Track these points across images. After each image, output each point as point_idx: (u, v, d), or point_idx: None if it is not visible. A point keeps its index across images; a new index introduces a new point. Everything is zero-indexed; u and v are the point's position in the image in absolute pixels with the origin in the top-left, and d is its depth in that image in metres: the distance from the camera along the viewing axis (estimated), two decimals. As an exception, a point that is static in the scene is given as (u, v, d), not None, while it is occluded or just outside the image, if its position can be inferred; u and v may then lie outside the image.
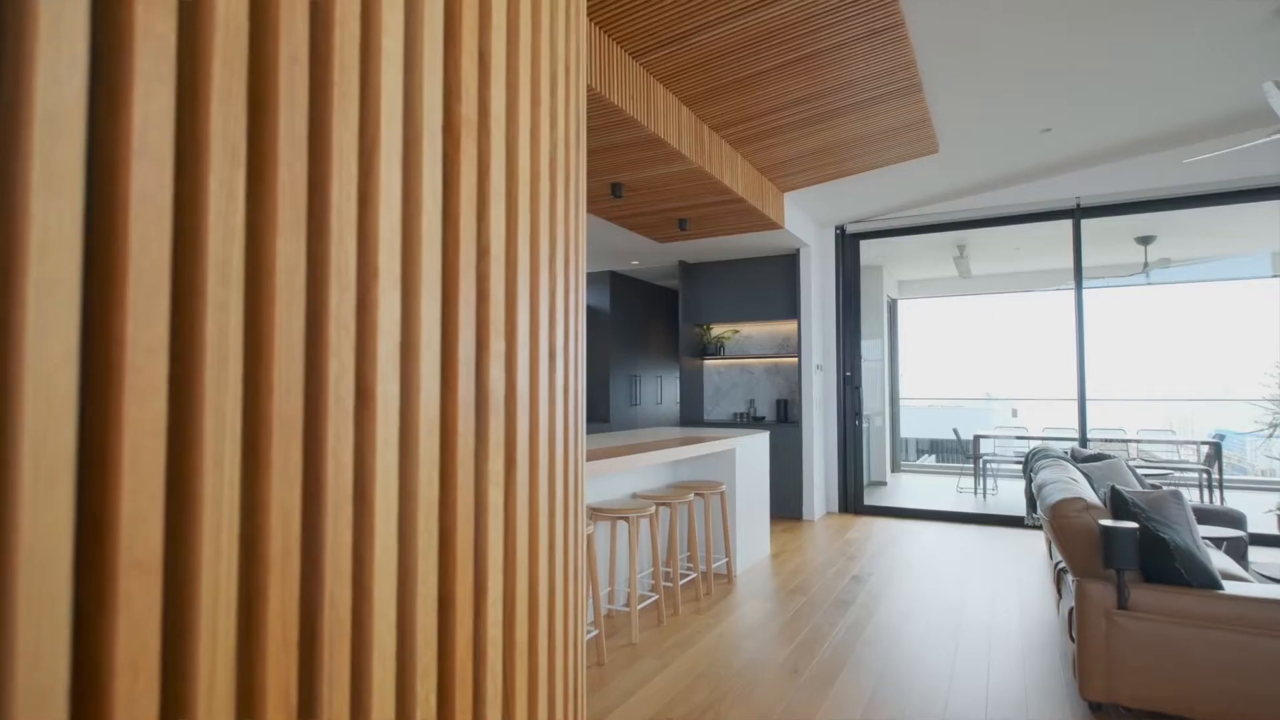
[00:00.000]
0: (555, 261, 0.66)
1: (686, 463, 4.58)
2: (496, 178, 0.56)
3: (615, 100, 3.17)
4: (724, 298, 6.94)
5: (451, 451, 0.51)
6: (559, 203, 0.66)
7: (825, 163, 4.82)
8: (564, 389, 0.67)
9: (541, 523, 0.61)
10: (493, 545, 0.54)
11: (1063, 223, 5.79)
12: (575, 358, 0.73)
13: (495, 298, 0.55)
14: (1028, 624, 3.44)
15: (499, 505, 0.55)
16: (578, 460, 0.75)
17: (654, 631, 3.40)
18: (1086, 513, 2.53)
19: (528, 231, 0.60)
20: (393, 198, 0.49)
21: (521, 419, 0.59)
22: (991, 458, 7.95)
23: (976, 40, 3.38)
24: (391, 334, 0.48)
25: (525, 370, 0.60)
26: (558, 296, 0.66)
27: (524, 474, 0.59)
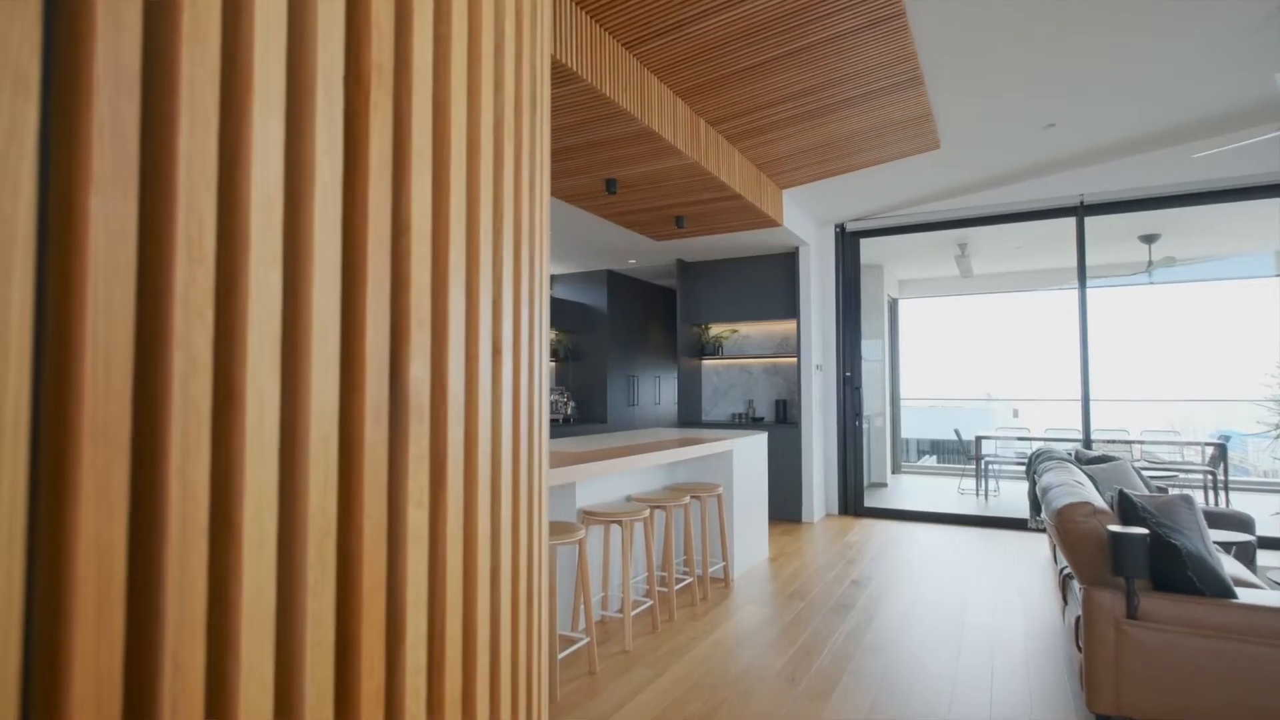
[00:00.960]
0: (501, 241, 0.57)
1: (683, 464, 4.49)
2: (420, 141, 0.47)
3: (607, 92, 3.08)
4: (722, 297, 6.85)
5: (355, 466, 0.42)
6: (506, 174, 0.57)
7: (824, 159, 4.73)
8: (513, 390, 0.59)
9: (481, 548, 0.53)
10: (413, 577, 0.45)
11: (1066, 220, 5.70)
12: (532, 354, 0.64)
13: (419, 282, 0.46)
14: (1032, 630, 3.35)
15: (422, 529, 0.46)
16: (534, 472, 0.66)
17: (648, 638, 3.31)
18: (1094, 518, 2.44)
19: (463, 206, 0.51)
20: (271, 155, 0.40)
21: (454, 426, 0.50)
22: (993, 459, 7.86)
23: (978, 33, 3.29)
24: (267, 323, 0.39)
25: (459, 368, 0.51)
26: (504, 282, 0.57)
27: (456, 490, 0.50)
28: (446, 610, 0.49)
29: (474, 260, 0.54)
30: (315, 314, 0.41)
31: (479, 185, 0.54)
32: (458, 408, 0.50)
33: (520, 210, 0.61)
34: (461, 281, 0.51)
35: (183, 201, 0.35)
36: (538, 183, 0.66)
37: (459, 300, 0.50)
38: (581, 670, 2.95)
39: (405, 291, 0.46)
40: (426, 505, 0.47)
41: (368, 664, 0.43)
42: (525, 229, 0.62)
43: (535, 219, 0.66)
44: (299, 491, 0.41)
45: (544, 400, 0.75)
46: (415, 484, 0.46)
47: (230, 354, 0.38)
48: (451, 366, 0.49)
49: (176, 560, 0.34)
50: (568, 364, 7.43)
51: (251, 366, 0.38)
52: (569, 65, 2.83)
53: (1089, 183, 5.45)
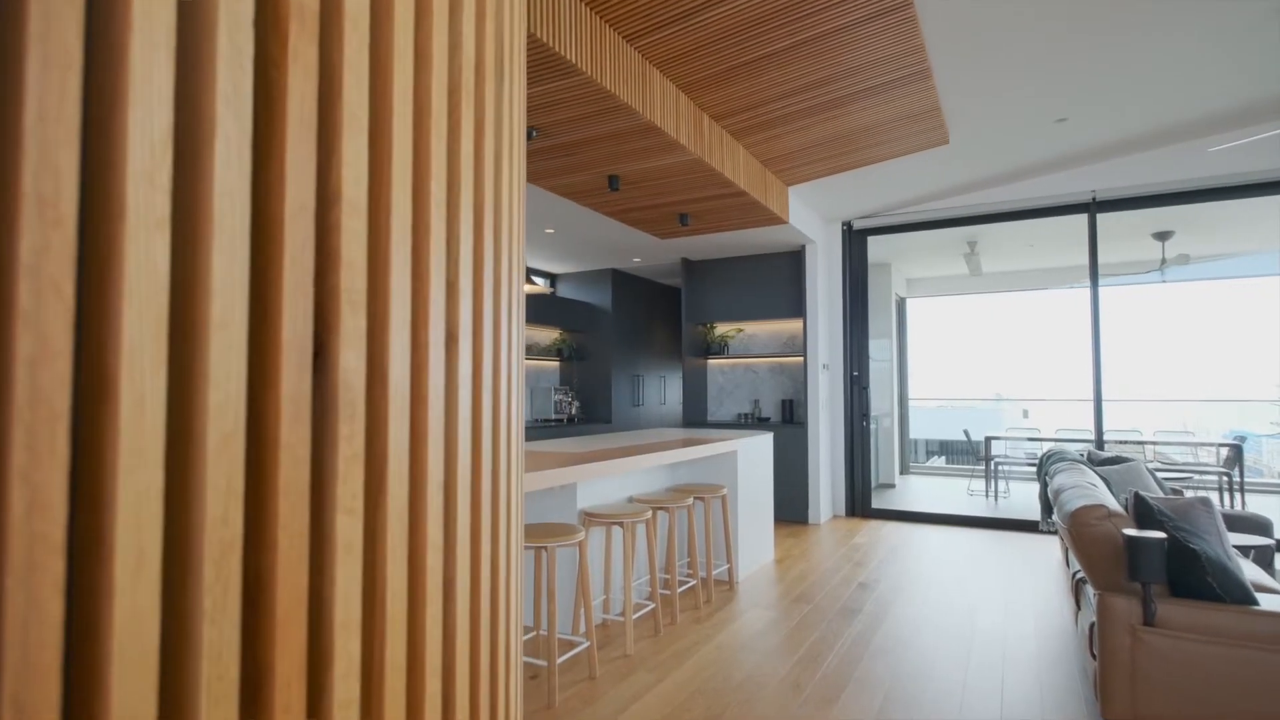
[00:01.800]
0: (458, 218, 0.51)
1: (686, 465, 4.43)
2: (354, 100, 0.42)
3: (608, 86, 3.02)
4: (728, 296, 6.78)
5: (268, 469, 0.37)
6: (464, 145, 0.51)
7: (831, 154, 4.66)
8: (472, 383, 0.53)
9: (432, 560, 0.47)
10: (343, 595, 0.40)
11: (1078, 217, 5.60)
12: (498, 343, 0.58)
13: (352, 259, 0.40)
14: (1044, 636, 3.26)
15: (354, 540, 0.41)
16: (501, 474, 0.60)
17: (650, 642, 3.25)
18: (1109, 521, 2.36)
19: (408, 177, 0.45)
20: (156, 102, 0.34)
21: (397, 423, 0.44)
22: (1003, 460, 7.76)
23: (988, 25, 3.22)
24: (150, 301, 0.33)
25: (403, 358, 0.45)
26: (461, 263, 0.51)
27: (400, 495, 0.44)
28: (386, 632, 0.43)
29: (422, 238, 0.48)
30: (214, 292, 0.35)
31: (429, 155, 0.48)
32: (401, 402, 0.44)
33: (482, 186, 0.55)
34: (406, 260, 0.45)
35: (31, 151, 0.30)
36: (506, 159, 0.60)
37: (403, 281, 0.44)
38: (581, 675, 2.89)
39: (334, 269, 0.40)
40: (361, 513, 0.41)
41: (283, 699, 0.37)
42: (489, 207, 0.56)
43: (503, 197, 0.60)
44: (193, 499, 0.35)
45: (515, 395, 0.69)
46: (347, 489, 0.40)
47: (100, 337, 0.32)
48: (394, 356, 0.43)
49: (19, 584, 0.29)
50: (572, 363, 7.37)
51: (128, 353, 0.32)
52: (568, 58, 2.77)
53: (1101, 178, 5.35)
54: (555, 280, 7.63)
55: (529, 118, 3.33)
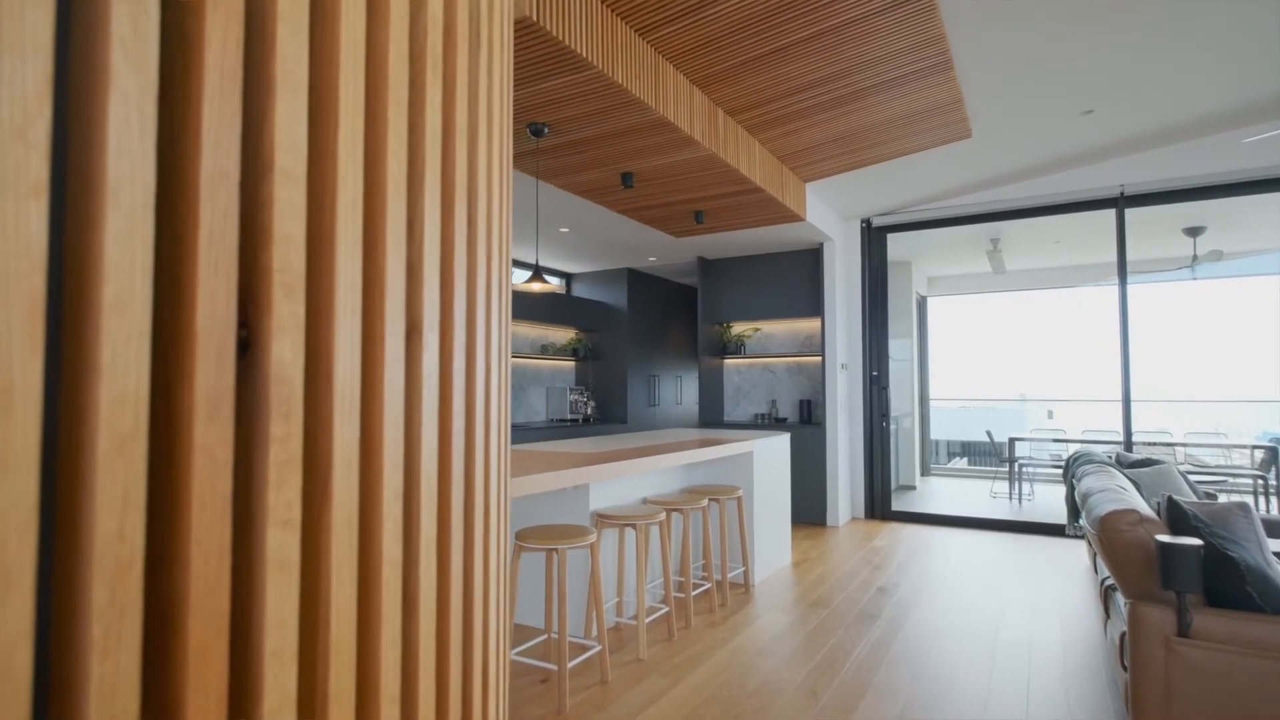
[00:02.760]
0: (420, 196, 0.46)
1: (702, 466, 4.37)
2: (291, 56, 0.37)
3: (620, 80, 2.97)
4: (744, 295, 6.70)
5: (179, 476, 0.32)
6: (430, 115, 0.46)
7: (849, 150, 4.57)
8: (439, 380, 0.47)
9: (388, 576, 0.42)
10: (275, 619, 0.35)
11: (1105, 213, 5.45)
12: (472, 337, 0.52)
13: (287, 236, 0.35)
14: (1071, 645, 3.16)
15: (289, 555, 0.36)
16: (478, 481, 0.55)
17: (663, 646, 3.19)
18: (1140, 527, 2.26)
19: (360, 147, 0.41)
20: (31, 49, 0.29)
21: (344, 424, 0.39)
22: (1027, 461, 7.59)
23: (1011, 14, 3.12)
24: (22, 281, 0.29)
25: (351, 351, 0.40)
26: (426, 246, 0.46)
27: (347, 505, 0.39)
28: (331, 659, 0.38)
29: (377, 216, 0.43)
30: (108, 272, 0.30)
31: (385, 126, 0.43)
32: (349, 401, 0.39)
33: (452, 162, 0.50)
34: (355, 241, 0.40)
35: None
36: (483, 137, 0.55)
37: (352, 264, 0.39)
38: (593, 679, 2.85)
39: (266, 247, 0.35)
40: (298, 524, 0.36)
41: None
42: (460, 188, 0.51)
43: (479, 179, 0.55)
44: (80, 511, 0.31)
45: (497, 393, 0.64)
46: (280, 498, 0.35)
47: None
48: (340, 348, 0.38)
49: None
50: (587, 363, 7.34)
51: (-11, 342, 0.28)
52: (579, 51, 2.73)
53: (1130, 172, 5.21)
54: (571, 280, 7.59)
55: (538, 114, 3.29)
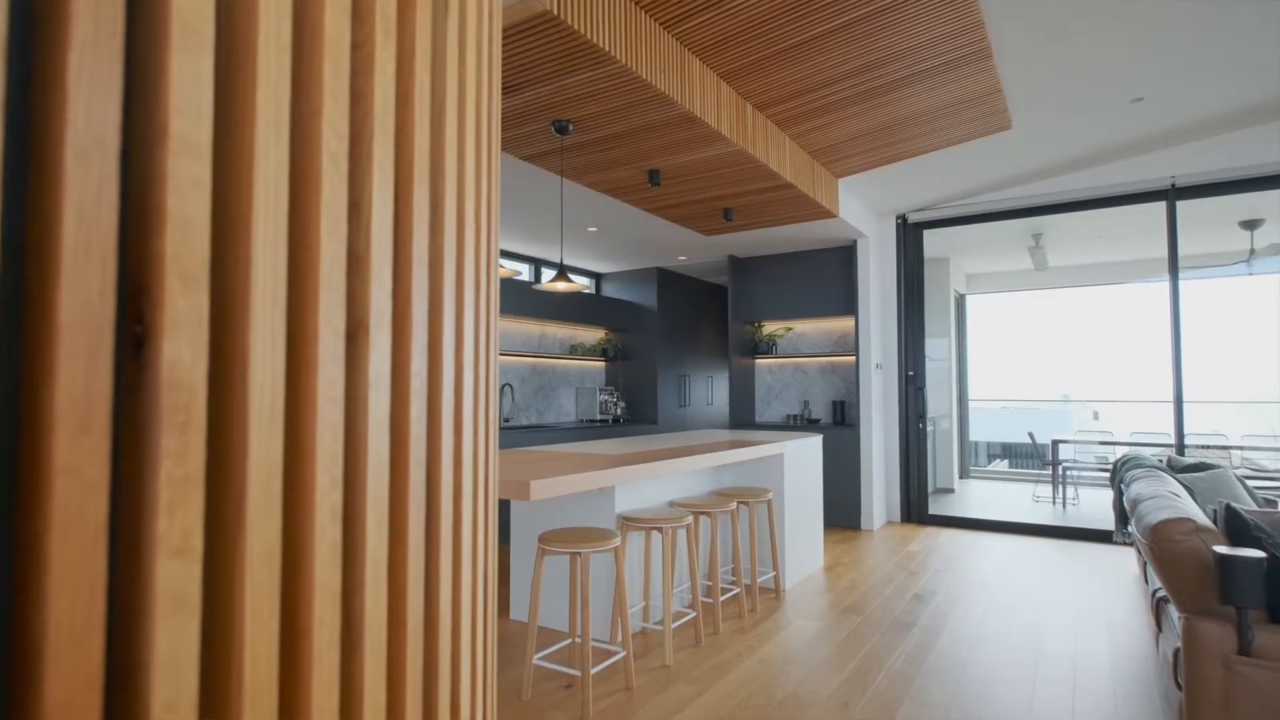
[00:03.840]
0: (370, 173, 0.41)
1: (731, 468, 4.28)
2: (192, 7, 0.31)
3: (644, 75, 2.91)
4: (776, 293, 6.58)
5: (39, 502, 0.27)
6: (379, 67, 0.40)
7: (883, 143, 4.44)
8: (391, 385, 0.42)
9: (323, 613, 0.36)
10: (168, 667, 0.29)
11: (1155, 205, 5.21)
12: (443, 336, 0.47)
13: (187, 219, 0.30)
14: (1120, 659, 3.00)
15: (188, 590, 0.30)
16: (450, 496, 0.49)
17: (690, 652, 3.12)
18: (1196, 536, 2.12)
19: (282, 114, 0.35)
20: None
21: (263, 435, 0.34)
22: (1071, 464, 7.33)
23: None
24: None
25: (272, 351, 0.34)
26: (374, 226, 0.40)
27: (267, 527, 0.34)
28: (245, 708, 0.33)
29: (308, 195, 0.37)
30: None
31: (321, 90, 0.37)
32: (269, 409, 0.34)
33: (410, 137, 0.45)
34: (279, 223, 0.34)
35: None
36: (454, 109, 0.49)
37: (273, 250, 0.34)
38: (617, 685, 2.79)
39: (158, 230, 0.30)
40: (198, 554, 0.31)
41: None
42: (423, 164, 0.46)
43: (446, 158, 0.49)
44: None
45: (473, 397, 0.58)
46: (173, 523, 0.30)
47: None
48: (257, 348, 0.33)
49: None
50: (617, 363, 7.29)
51: None
52: (602, 45, 2.67)
53: (1181, 163, 4.97)
54: (600, 280, 7.56)
55: (562, 111, 3.24)
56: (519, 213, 5.04)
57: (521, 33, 2.57)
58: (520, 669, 2.93)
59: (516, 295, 5.79)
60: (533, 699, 2.67)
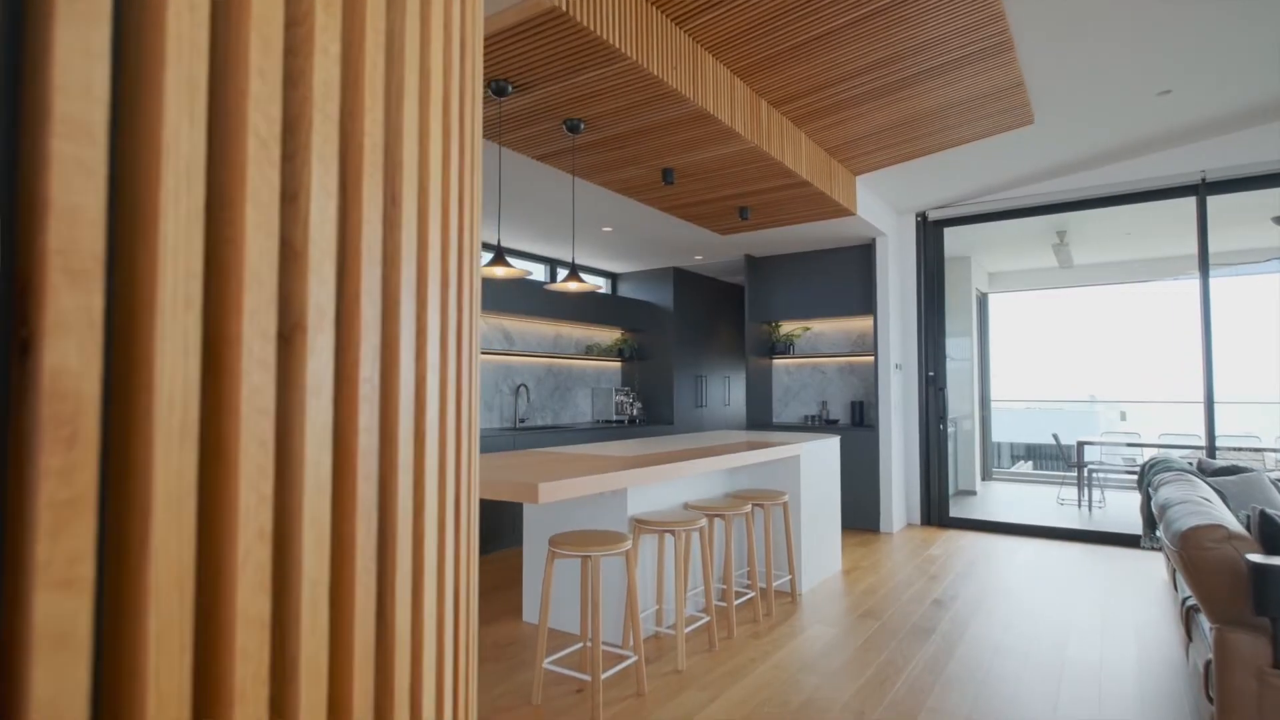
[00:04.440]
0: (309, 159, 0.37)
1: (746, 470, 4.22)
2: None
3: (656, 71, 2.87)
4: (793, 293, 6.51)
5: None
6: (321, 63, 0.37)
7: (902, 140, 4.36)
8: (335, 390, 0.39)
9: (247, 644, 0.32)
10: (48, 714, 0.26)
11: (1184, 201, 5.07)
12: (399, 335, 0.43)
13: (72, 207, 0.27)
14: (1147, 668, 2.91)
15: (73, 630, 0.26)
16: (409, 515, 0.45)
17: (704, 657, 3.07)
18: (1228, 544, 2.04)
19: (198, 93, 0.31)
20: None
21: (175, 450, 0.30)
22: (1098, 466, 7.16)
23: (1079, -18, 2.89)
24: None
25: (184, 355, 0.31)
26: (314, 224, 0.37)
27: (175, 554, 0.30)
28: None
29: (231, 185, 0.34)
30: None
31: (247, 71, 0.34)
32: (180, 421, 0.31)
33: (360, 123, 0.41)
34: (192, 214, 0.31)
35: None
36: (413, 94, 0.46)
37: (184, 244, 0.31)
38: (629, 690, 2.75)
39: (41, 220, 0.27)
40: (88, 585, 0.27)
41: None
42: (375, 152, 0.42)
43: (404, 140, 0.46)
44: None
45: (441, 402, 0.54)
46: (56, 550, 0.27)
47: None
48: (164, 353, 0.30)
49: None
50: (634, 364, 7.25)
51: None
52: (611, 42, 2.63)
53: (1212, 157, 4.83)
54: (616, 280, 7.52)
55: (573, 110, 3.21)
56: (532, 213, 5.02)
57: (530, 30, 2.54)
58: (531, 672, 2.90)
59: (531, 296, 5.78)
60: (543, 703, 2.64)
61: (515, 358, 6.02)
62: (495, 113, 3.24)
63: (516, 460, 3.08)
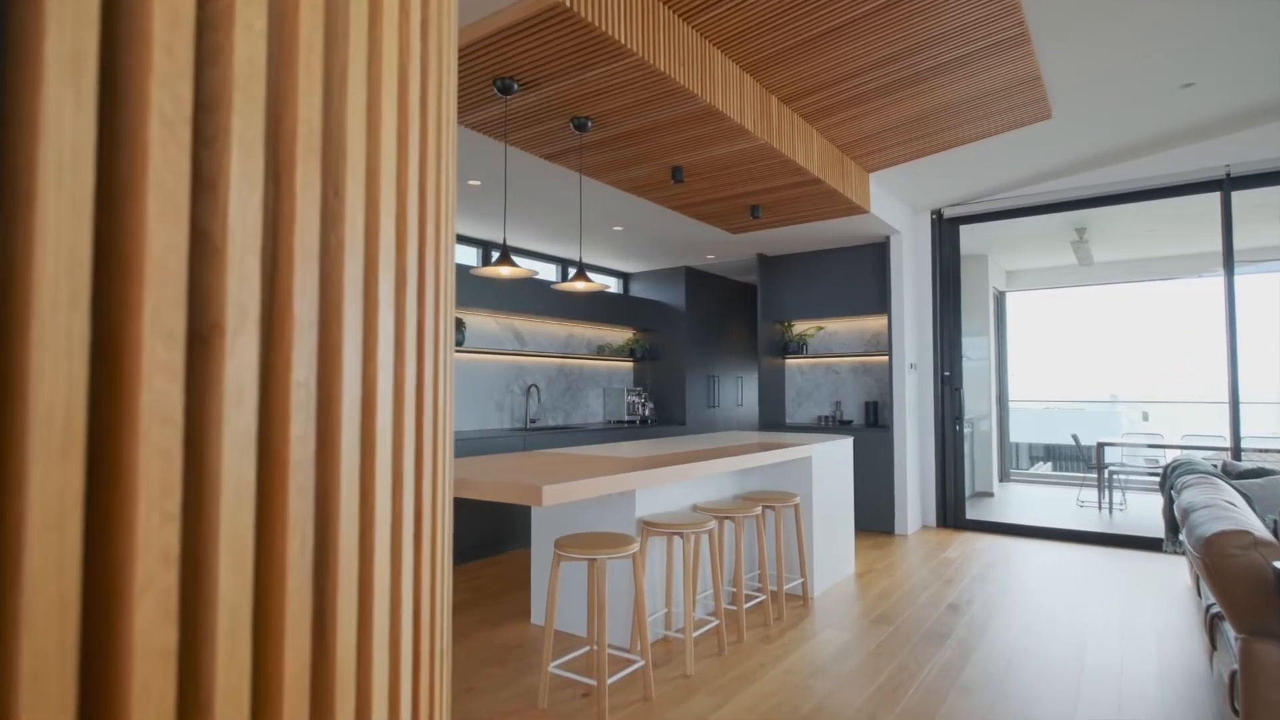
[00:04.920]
0: (227, 144, 0.33)
1: (756, 471, 4.17)
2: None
3: (663, 68, 2.83)
4: (806, 292, 6.44)
5: None
6: (244, 33, 0.34)
7: (916, 136, 4.28)
8: (260, 398, 0.36)
9: (143, 675, 0.29)
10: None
11: (1208, 196, 4.95)
12: (344, 336, 0.40)
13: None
14: (1169, 677, 2.83)
15: None
16: (374, 528, 0.42)
17: (713, 662, 3.03)
18: (1255, 550, 1.96)
19: (78, 63, 0.28)
20: None
21: (51, 466, 0.27)
22: (1119, 468, 7.02)
23: (1098, -29, 2.81)
24: None
25: (65, 360, 0.28)
26: (234, 212, 0.33)
27: (54, 579, 0.27)
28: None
29: (132, 164, 0.31)
30: None
31: (150, 25, 0.30)
32: (63, 433, 0.27)
33: (293, 95, 0.38)
34: (78, 200, 0.28)
35: None
36: (358, 74, 0.42)
37: (70, 232, 0.27)
38: (636, 695, 2.71)
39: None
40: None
41: None
42: (311, 137, 0.39)
43: (355, 129, 0.42)
44: None
45: (413, 410, 0.51)
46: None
47: None
48: (41, 358, 0.26)
49: None
50: (645, 364, 7.22)
51: None
52: (617, 38, 2.60)
53: (1237, 151, 4.71)
54: (628, 279, 7.49)
55: (579, 108, 3.18)
56: (543, 212, 4.99)
57: (533, 27, 2.51)
58: (538, 676, 2.87)
59: (542, 296, 5.76)
60: (549, 707, 2.61)
61: (526, 358, 6.00)
62: (501, 111, 3.21)
63: (524, 461, 3.05)
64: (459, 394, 5.36)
